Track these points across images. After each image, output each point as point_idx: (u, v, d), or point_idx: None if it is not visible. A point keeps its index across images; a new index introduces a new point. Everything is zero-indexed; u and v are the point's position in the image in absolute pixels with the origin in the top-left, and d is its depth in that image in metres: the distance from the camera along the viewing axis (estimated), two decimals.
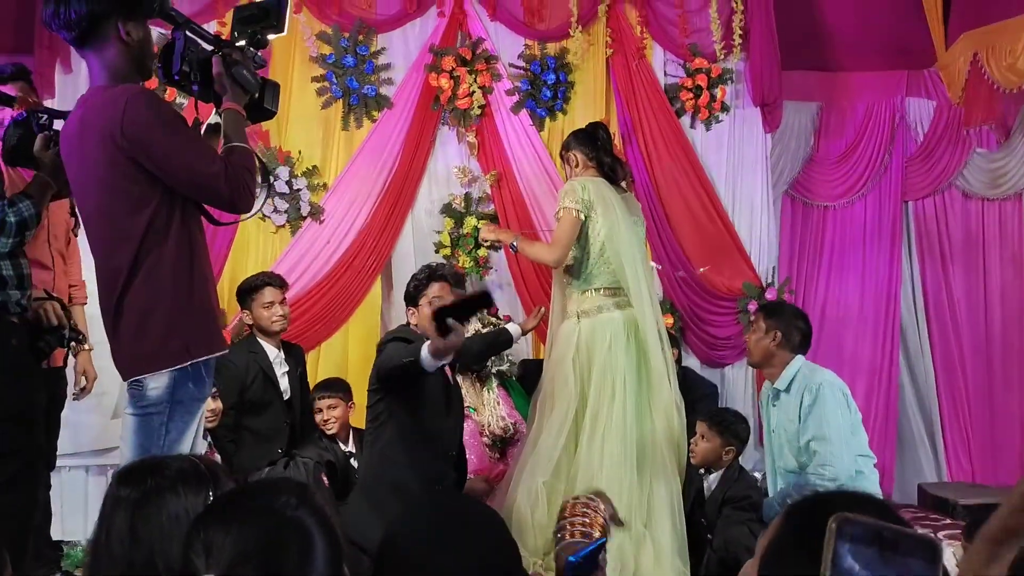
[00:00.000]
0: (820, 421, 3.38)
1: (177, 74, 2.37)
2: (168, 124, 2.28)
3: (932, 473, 5.42)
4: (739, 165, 5.00)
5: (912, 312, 5.55)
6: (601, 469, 3.43)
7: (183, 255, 2.32)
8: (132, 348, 2.31)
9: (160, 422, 2.28)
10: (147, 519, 1.48)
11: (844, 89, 5.50)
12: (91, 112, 2.30)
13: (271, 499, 1.28)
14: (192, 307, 2.34)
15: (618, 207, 3.66)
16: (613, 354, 3.57)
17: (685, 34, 4.90)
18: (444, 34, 4.71)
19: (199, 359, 2.32)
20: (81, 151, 2.32)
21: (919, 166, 5.51)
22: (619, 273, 3.62)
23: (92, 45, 2.32)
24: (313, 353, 4.51)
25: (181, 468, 1.55)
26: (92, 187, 2.33)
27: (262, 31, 2.48)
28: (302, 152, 4.59)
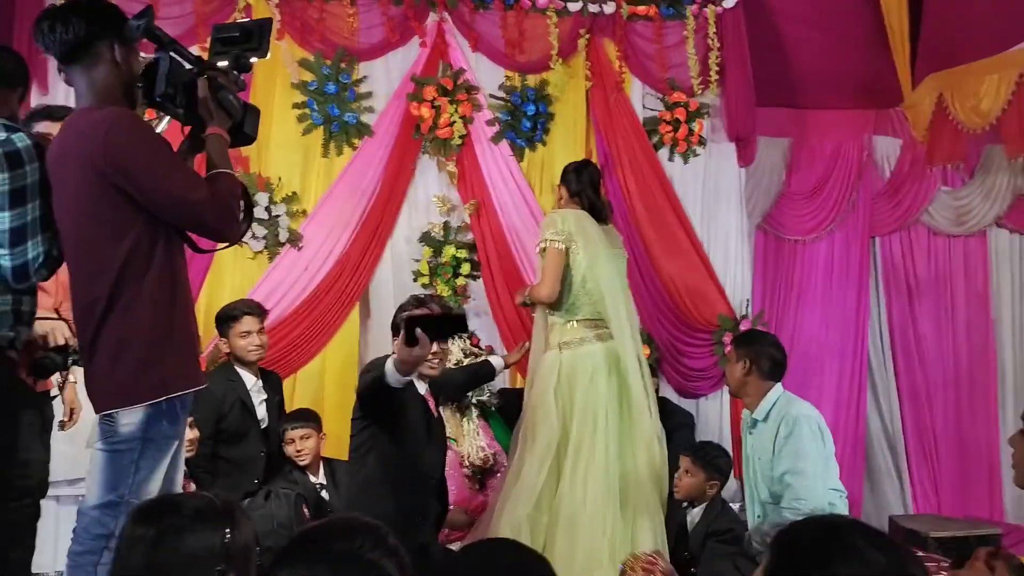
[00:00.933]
0: (795, 454, 3.37)
1: (160, 96, 2.32)
2: (152, 149, 2.23)
3: (899, 506, 5.49)
4: (715, 198, 5.07)
5: (879, 346, 5.66)
6: (584, 503, 3.43)
7: (164, 286, 2.25)
8: (106, 381, 2.23)
9: (130, 460, 2.20)
10: (164, 557, 1.46)
11: (814, 126, 5.62)
12: (73, 136, 2.24)
13: (349, 543, 1.30)
14: (171, 340, 2.26)
15: (599, 239, 3.69)
16: (595, 386, 3.58)
17: (663, 69, 4.98)
18: (426, 64, 4.73)
19: (175, 394, 2.25)
20: (62, 175, 2.26)
21: (886, 202, 5.64)
22: (600, 305, 3.64)
23: (83, 64, 2.27)
24: (289, 381, 4.44)
25: (198, 507, 1.53)
26: (72, 213, 2.26)
27: (244, 54, 2.43)
28: (282, 178, 4.56)
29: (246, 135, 2.52)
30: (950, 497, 5.43)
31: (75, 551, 2.21)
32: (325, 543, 1.37)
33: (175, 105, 2.37)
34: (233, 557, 1.49)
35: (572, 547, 3.37)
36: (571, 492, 3.45)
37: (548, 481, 3.51)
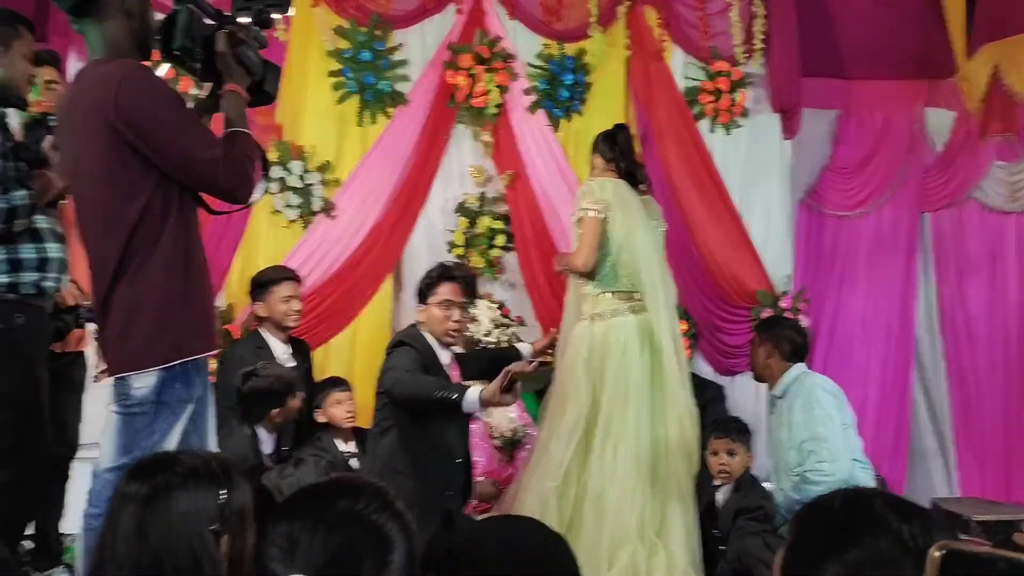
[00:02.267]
0: (814, 420, 3.45)
1: (178, 49, 2.22)
2: (166, 104, 2.16)
3: (944, 488, 5.35)
4: (756, 171, 4.95)
5: (927, 325, 5.49)
6: (613, 477, 3.37)
7: (178, 248, 2.19)
8: (119, 344, 2.19)
9: (144, 423, 2.17)
10: (155, 516, 1.43)
11: (863, 97, 5.43)
12: (84, 90, 2.18)
13: (353, 502, 1.30)
14: (186, 302, 2.22)
15: (636, 209, 3.60)
16: (627, 359, 3.50)
17: (706, 37, 4.85)
18: (462, 31, 4.67)
19: (188, 358, 2.20)
20: (72, 130, 2.20)
21: (937, 177, 5.45)
22: (635, 277, 3.55)
23: (92, 16, 2.18)
24: (322, 350, 4.45)
25: (193, 465, 1.50)
26: (83, 169, 2.20)
27: (267, 9, 2.35)
28: (316, 147, 4.54)
29: (267, 93, 2.44)
30: (996, 481, 5.26)
31: (89, 513, 2.22)
32: (329, 500, 1.34)
33: (193, 60, 2.27)
34: (228, 519, 1.45)
35: (600, 522, 3.32)
36: (600, 466, 3.39)
37: (576, 454, 3.45)
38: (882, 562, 1.04)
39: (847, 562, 1.05)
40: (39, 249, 2.57)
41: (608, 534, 3.29)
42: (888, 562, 1.04)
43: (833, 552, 1.06)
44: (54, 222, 2.67)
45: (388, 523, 1.31)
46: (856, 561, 1.05)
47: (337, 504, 1.32)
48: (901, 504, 1.13)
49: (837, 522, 1.11)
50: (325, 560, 1.24)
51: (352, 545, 1.27)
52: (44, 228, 2.62)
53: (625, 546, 3.26)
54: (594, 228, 3.51)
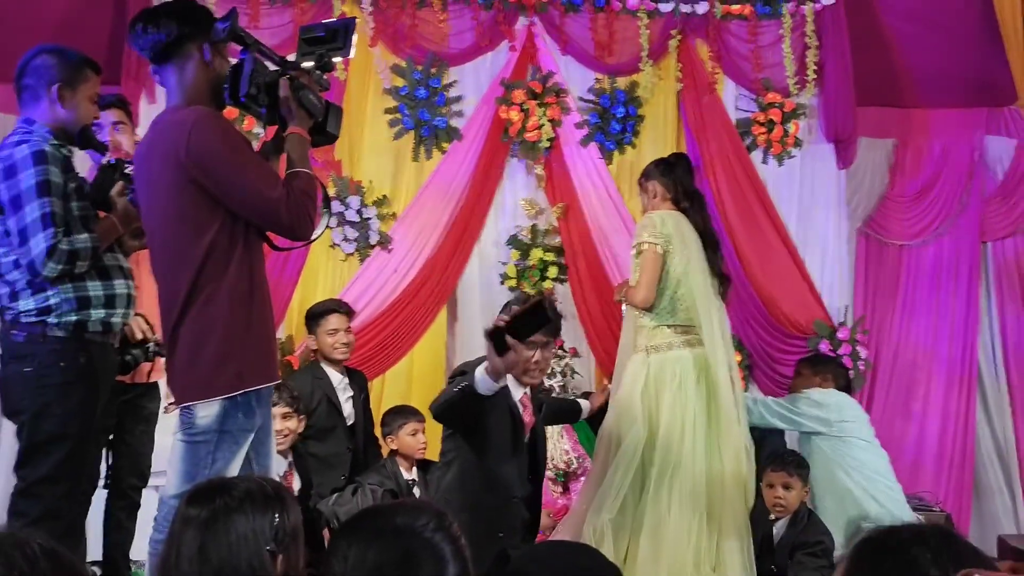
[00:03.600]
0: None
1: (244, 96, 2.34)
2: (233, 147, 2.28)
3: (1011, 523, 5.20)
4: (812, 201, 4.93)
5: (990, 356, 5.37)
6: (669, 512, 3.32)
7: (243, 282, 2.30)
8: (185, 374, 2.29)
9: (207, 451, 2.26)
10: (216, 538, 1.50)
11: (921, 126, 5.38)
12: (159, 133, 2.32)
13: (412, 520, 1.33)
14: (248, 335, 2.31)
15: (694, 243, 3.58)
16: (683, 392, 3.46)
17: (758, 69, 4.87)
18: (515, 67, 4.76)
19: (250, 388, 2.29)
20: (148, 172, 2.34)
21: (998, 206, 5.35)
22: (692, 311, 3.53)
23: (173, 64, 2.34)
24: (378, 381, 4.53)
25: (249, 489, 1.57)
26: (156, 208, 2.34)
27: (328, 53, 2.44)
28: (373, 182, 4.66)
29: (329, 134, 2.53)
30: None
31: (155, 539, 2.30)
32: (387, 517, 1.39)
33: (258, 105, 2.39)
34: (282, 539, 1.53)
35: (656, 556, 3.29)
36: (656, 499, 3.36)
37: (633, 487, 3.43)
38: None
39: None
40: (106, 286, 2.64)
41: (665, 568, 3.26)
42: None
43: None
44: (120, 258, 2.76)
45: (443, 543, 1.34)
46: None
47: (395, 520, 1.37)
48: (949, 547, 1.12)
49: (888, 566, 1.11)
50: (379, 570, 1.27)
51: (407, 559, 1.30)
52: (111, 265, 2.69)
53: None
54: (654, 262, 3.49)
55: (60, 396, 2.57)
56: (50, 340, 2.56)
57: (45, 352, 2.56)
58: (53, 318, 2.56)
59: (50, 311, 2.56)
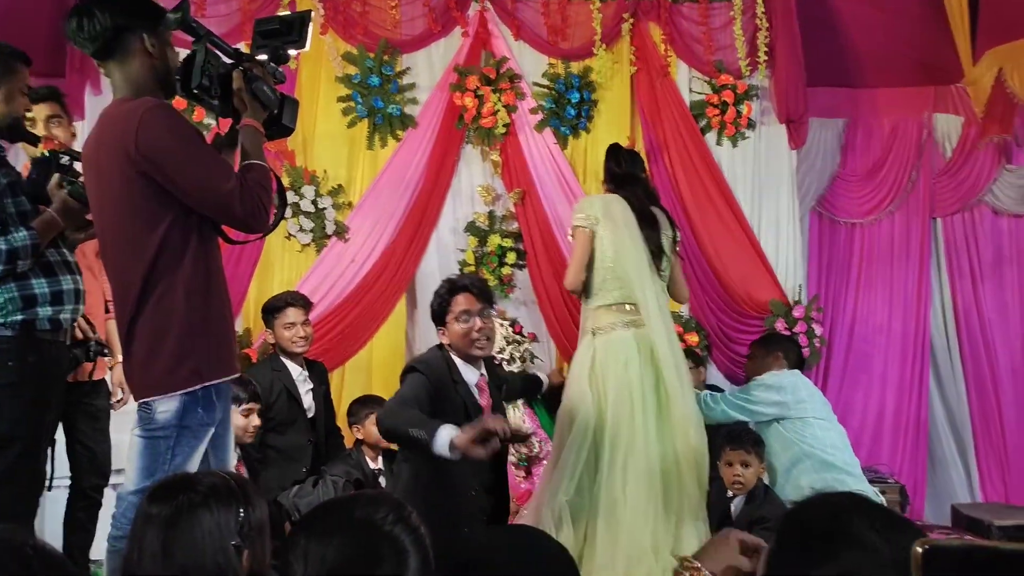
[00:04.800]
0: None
1: (196, 87, 2.31)
2: (184, 139, 2.24)
3: (965, 494, 5.32)
4: (765, 182, 4.97)
5: (942, 330, 5.49)
6: (624, 494, 3.32)
7: (199, 275, 2.28)
8: (143, 370, 2.27)
9: (167, 446, 2.24)
10: (179, 536, 1.49)
11: (870, 105, 5.46)
12: (107, 127, 2.28)
13: (370, 512, 1.32)
14: (207, 329, 2.29)
15: (628, 224, 3.56)
16: (628, 373, 3.46)
17: (710, 51, 4.89)
18: (468, 54, 4.74)
19: (210, 383, 2.28)
20: (97, 165, 2.29)
21: (947, 182, 5.46)
22: (628, 290, 3.53)
23: (115, 58, 2.30)
24: (338, 371, 4.51)
25: (212, 484, 1.55)
26: (107, 203, 2.30)
27: (284, 46, 2.42)
28: (327, 171, 4.62)
29: (284, 126, 2.51)
30: (1018, 485, 5.23)
31: (114, 535, 2.28)
32: (347, 511, 1.37)
33: (210, 97, 2.36)
34: (247, 534, 1.52)
35: (614, 539, 3.30)
36: (609, 482, 3.35)
37: (588, 467, 3.43)
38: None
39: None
40: (52, 283, 2.59)
41: (623, 551, 3.27)
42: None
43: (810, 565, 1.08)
44: (65, 253, 2.70)
45: (403, 535, 1.33)
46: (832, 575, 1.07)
47: (354, 514, 1.35)
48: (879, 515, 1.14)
49: (816, 534, 1.13)
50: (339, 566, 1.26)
51: (367, 554, 1.30)
52: (55, 260, 2.64)
53: (641, 563, 3.25)
54: (582, 244, 3.53)
55: (9, 397, 2.52)
56: None
57: None
58: None
59: None
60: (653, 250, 3.56)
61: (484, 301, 3.18)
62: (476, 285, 3.25)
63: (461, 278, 3.32)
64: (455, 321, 3.14)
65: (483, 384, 3.28)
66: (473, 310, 3.12)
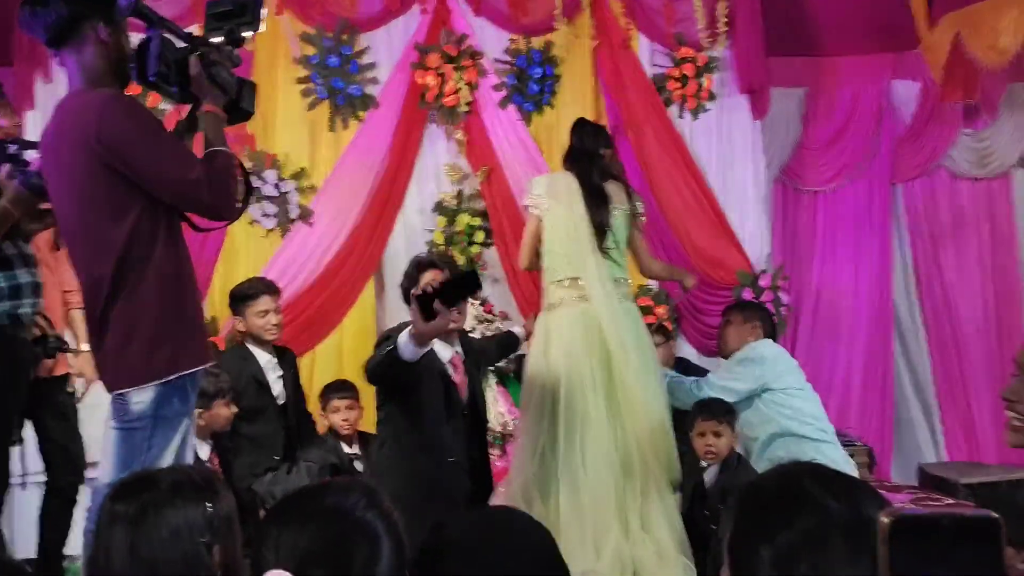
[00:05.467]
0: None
1: (154, 75, 2.27)
2: (146, 129, 2.22)
3: (931, 454, 5.44)
4: (729, 153, 4.99)
5: (905, 294, 5.57)
6: (584, 470, 3.33)
7: (169, 264, 2.27)
8: (117, 361, 2.25)
9: (143, 437, 2.22)
10: (146, 534, 1.46)
11: (830, 74, 5.49)
12: (66, 118, 2.25)
13: (342, 499, 1.31)
14: (180, 319, 2.29)
15: (568, 197, 3.55)
16: (576, 348, 3.46)
17: (670, 23, 4.89)
18: (428, 31, 4.68)
19: (185, 372, 2.27)
20: (57, 159, 2.26)
21: (907, 148, 5.52)
22: (573, 266, 3.52)
23: (69, 47, 2.26)
24: (308, 356, 4.47)
25: (176, 480, 1.53)
26: (70, 196, 2.27)
27: (238, 28, 2.37)
28: (289, 155, 4.55)
29: (244, 110, 2.48)
30: (984, 444, 5.34)
31: (88, 529, 2.25)
32: (318, 499, 1.36)
33: (168, 84, 2.33)
34: (217, 528, 1.49)
35: (579, 514, 3.29)
36: (568, 457, 3.34)
37: (548, 442, 3.41)
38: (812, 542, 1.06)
39: (779, 544, 1.07)
40: (8, 276, 2.55)
41: (590, 528, 3.27)
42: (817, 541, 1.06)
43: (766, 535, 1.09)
44: (22, 245, 2.65)
45: (376, 521, 1.32)
46: (787, 543, 1.07)
47: (325, 501, 1.34)
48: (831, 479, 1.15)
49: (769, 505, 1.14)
50: (312, 555, 1.25)
51: (340, 542, 1.29)
52: (12, 254, 2.59)
53: (608, 537, 3.26)
54: (530, 224, 3.60)
55: None
56: None
57: None
58: None
59: None
60: (596, 224, 3.53)
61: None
62: (442, 261, 3.30)
63: (425, 256, 3.37)
64: None
65: (457, 360, 3.29)
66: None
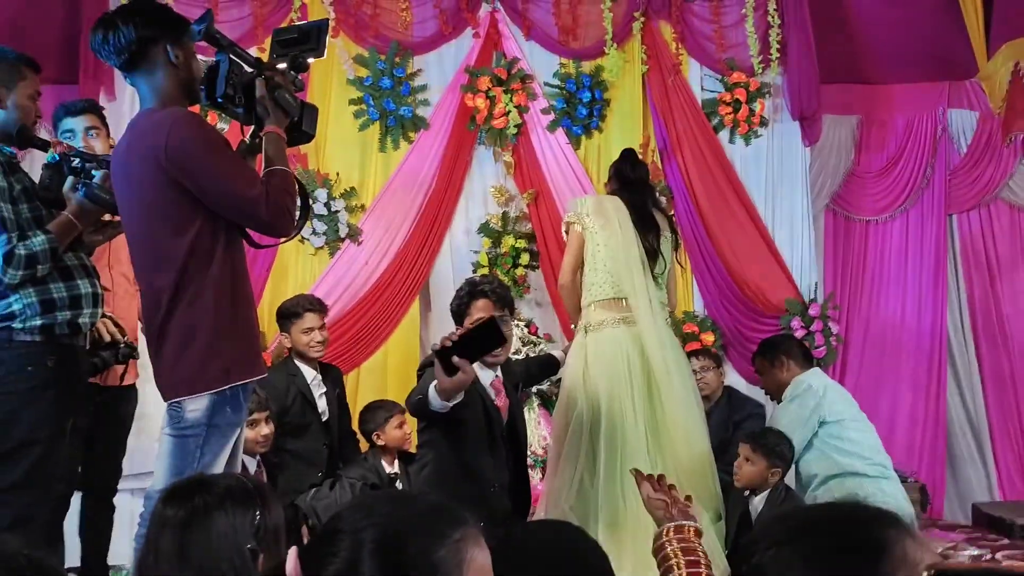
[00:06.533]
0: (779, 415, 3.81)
1: (221, 97, 2.37)
2: (212, 147, 2.30)
3: (984, 492, 5.27)
4: (779, 180, 4.95)
5: (959, 327, 5.44)
6: (624, 501, 3.24)
7: (226, 278, 2.33)
8: (173, 370, 2.31)
9: (196, 445, 2.28)
10: (194, 538, 1.47)
11: (884, 102, 5.43)
12: (137, 135, 2.33)
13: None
14: (234, 331, 2.34)
15: (618, 220, 3.53)
16: (618, 373, 3.41)
17: (722, 49, 4.88)
18: (479, 54, 4.74)
19: (238, 383, 2.32)
20: (127, 174, 2.35)
21: (963, 178, 5.41)
22: (619, 288, 3.48)
23: (141, 69, 2.35)
24: (353, 374, 4.50)
25: (228, 486, 1.54)
26: (136, 209, 2.35)
27: (302, 54, 2.48)
28: (340, 174, 4.62)
29: (305, 133, 2.56)
30: None
31: (140, 534, 2.28)
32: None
33: (235, 106, 2.42)
34: (263, 537, 1.50)
35: (619, 547, 3.22)
36: (609, 486, 3.26)
37: (586, 470, 3.34)
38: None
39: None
40: (70, 287, 2.59)
41: (630, 559, 3.20)
42: None
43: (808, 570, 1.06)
44: (83, 257, 2.71)
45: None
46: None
47: None
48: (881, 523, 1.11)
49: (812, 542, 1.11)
50: None
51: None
52: (73, 265, 2.64)
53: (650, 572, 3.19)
54: (574, 241, 3.54)
55: (28, 401, 2.52)
56: (16, 345, 2.51)
57: (12, 358, 2.51)
58: (18, 323, 2.51)
59: (14, 316, 2.50)
60: (648, 249, 3.51)
61: (503, 308, 3.16)
62: (496, 291, 3.22)
63: (482, 281, 3.28)
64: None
65: (498, 384, 3.26)
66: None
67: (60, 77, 4.38)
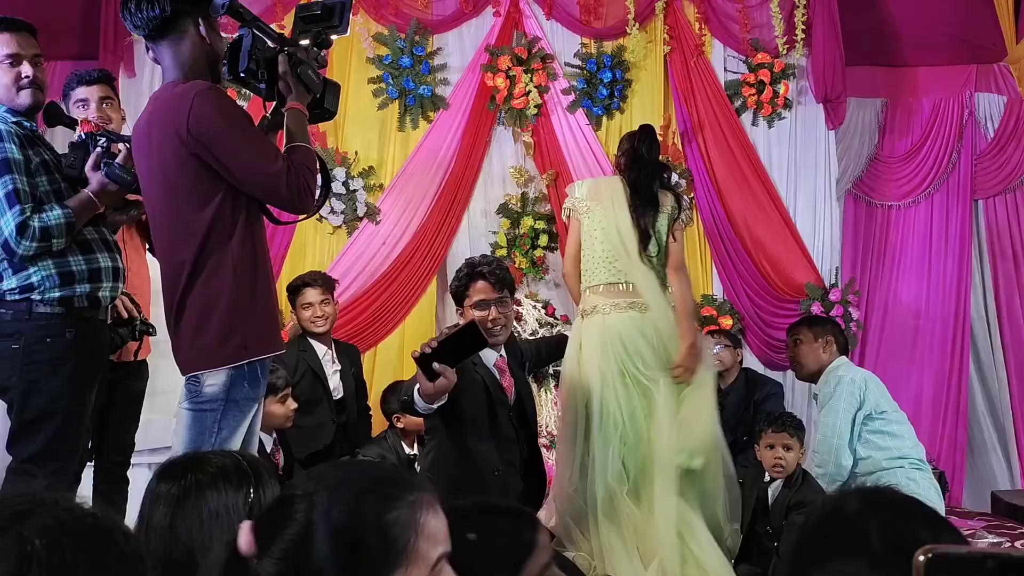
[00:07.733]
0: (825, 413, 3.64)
1: (244, 71, 2.35)
2: (234, 122, 2.28)
3: (1005, 480, 5.22)
4: (801, 163, 4.90)
5: (983, 315, 5.36)
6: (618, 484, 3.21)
7: (246, 253, 2.32)
8: (192, 344, 2.31)
9: (213, 419, 2.29)
10: (187, 515, 1.45)
11: (910, 85, 5.34)
12: (159, 108, 2.32)
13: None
14: (253, 306, 2.34)
15: (613, 201, 3.42)
16: (609, 359, 3.32)
17: (745, 29, 4.82)
18: (500, 34, 4.70)
19: (256, 358, 2.32)
20: (148, 147, 2.34)
21: (989, 163, 5.32)
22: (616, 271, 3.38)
23: (168, 40, 2.33)
24: (370, 353, 4.50)
25: (222, 464, 1.52)
26: (157, 183, 2.34)
27: (325, 31, 2.45)
28: (359, 153, 4.61)
29: (326, 110, 2.56)
30: None
31: None
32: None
33: (257, 81, 2.40)
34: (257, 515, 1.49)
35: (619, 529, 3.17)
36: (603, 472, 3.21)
37: (585, 452, 3.29)
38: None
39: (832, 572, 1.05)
40: (89, 260, 2.60)
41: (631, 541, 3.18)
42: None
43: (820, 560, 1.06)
44: (105, 231, 2.71)
45: None
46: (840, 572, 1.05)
47: None
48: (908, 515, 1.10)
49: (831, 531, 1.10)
50: None
51: None
52: (92, 238, 2.64)
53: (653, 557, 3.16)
54: (572, 229, 3.48)
55: (48, 373, 2.54)
56: (36, 317, 2.53)
57: (31, 329, 2.53)
58: (37, 295, 2.52)
59: (33, 288, 2.52)
60: (642, 231, 3.39)
61: (501, 290, 3.12)
62: (495, 273, 3.17)
63: (481, 263, 3.22)
64: (472, 308, 3.12)
65: (502, 364, 3.23)
66: (490, 299, 3.08)
67: (80, 53, 4.40)
